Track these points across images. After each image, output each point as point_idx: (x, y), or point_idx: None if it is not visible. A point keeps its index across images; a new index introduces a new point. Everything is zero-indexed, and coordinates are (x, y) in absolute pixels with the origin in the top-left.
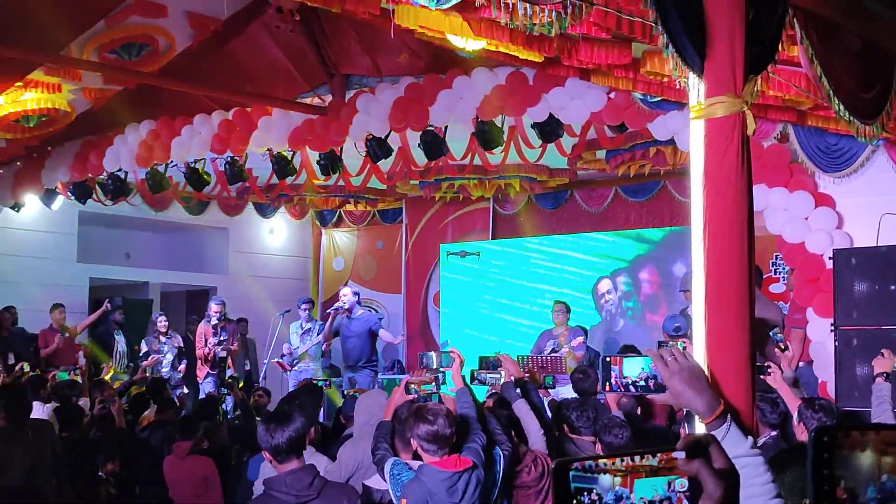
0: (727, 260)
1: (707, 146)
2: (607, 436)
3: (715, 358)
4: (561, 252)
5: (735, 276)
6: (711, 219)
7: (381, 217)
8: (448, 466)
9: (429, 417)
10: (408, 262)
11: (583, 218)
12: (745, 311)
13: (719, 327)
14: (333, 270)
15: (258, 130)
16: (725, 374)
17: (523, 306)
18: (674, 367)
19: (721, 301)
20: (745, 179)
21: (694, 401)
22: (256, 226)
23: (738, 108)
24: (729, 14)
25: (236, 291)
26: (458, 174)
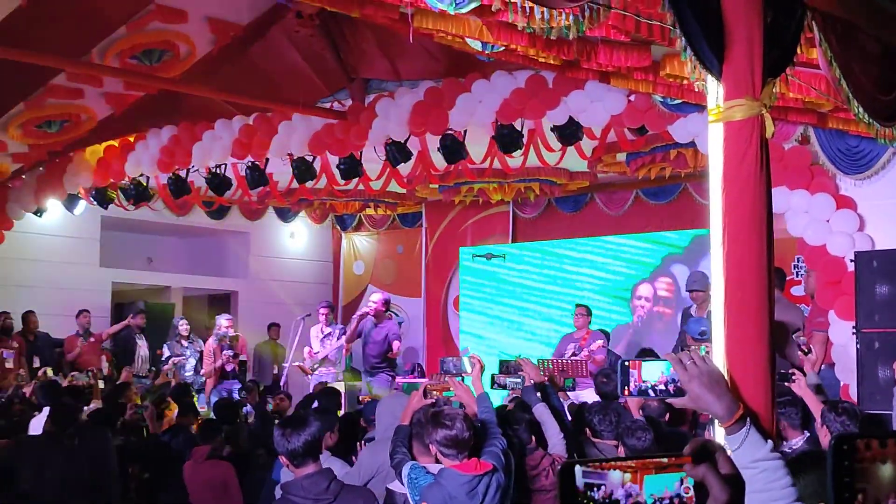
0: (747, 263)
1: (726, 149)
2: (630, 439)
3: (734, 362)
4: (581, 255)
5: (755, 280)
6: (731, 222)
7: (401, 221)
8: (468, 470)
9: (446, 422)
10: (428, 265)
11: (603, 221)
12: (765, 315)
13: (739, 331)
14: (354, 274)
15: (279, 135)
16: (745, 377)
17: (544, 310)
18: (693, 371)
19: (741, 304)
20: (765, 182)
21: (713, 405)
22: (277, 230)
23: (756, 110)
24: (747, 17)
25: (257, 295)
26: (478, 178)
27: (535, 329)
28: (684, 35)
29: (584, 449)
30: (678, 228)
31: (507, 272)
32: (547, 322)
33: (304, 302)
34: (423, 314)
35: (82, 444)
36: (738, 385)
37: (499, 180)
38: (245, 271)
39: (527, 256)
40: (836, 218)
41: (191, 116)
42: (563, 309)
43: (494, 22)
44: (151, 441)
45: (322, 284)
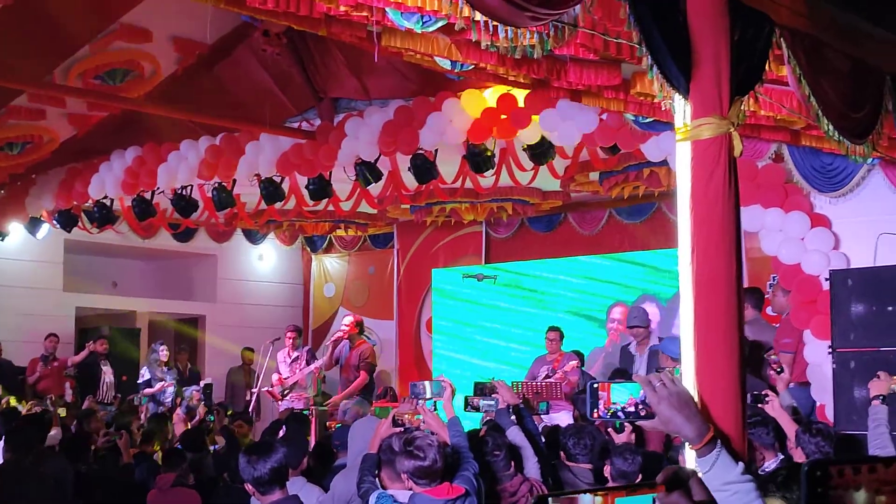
0: (715, 283)
1: (694, 168)
2: (618, 459)
3: (704, 383)
4: (555, 276)
5: (724, 299)
6: (699, 242)
7: (372, 242)
8: (440, 494)
9: (418, 454)
10: (400, 287)
11: (577, 241)
12: (735, 336)
13: (708, 352)
14: (324, 297)
15: (246, 156)
16: (715, 399)
17: (518, 331)
18: (662, 392)
19: (709, 325)
20: (733, 201)
21: (683, 427)
22: (245, 252)
23: (724, 129)
24: (714, 34)
25: (225, 319)
26: (450, 198)
27: (509, 351)
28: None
29: (558, 473)
30: (653, 248)
31: (480, 294)
32: (521, 344)
33: (274, 325)
34: (396, 336)
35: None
36: (708, 406)
37: (471, 200)
38: (213, 295)
39: (500, 276)
40: (811, 236)
41: (156, 137)
42: (537, 331)
43: (462, 40)
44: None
45: (292, 307)
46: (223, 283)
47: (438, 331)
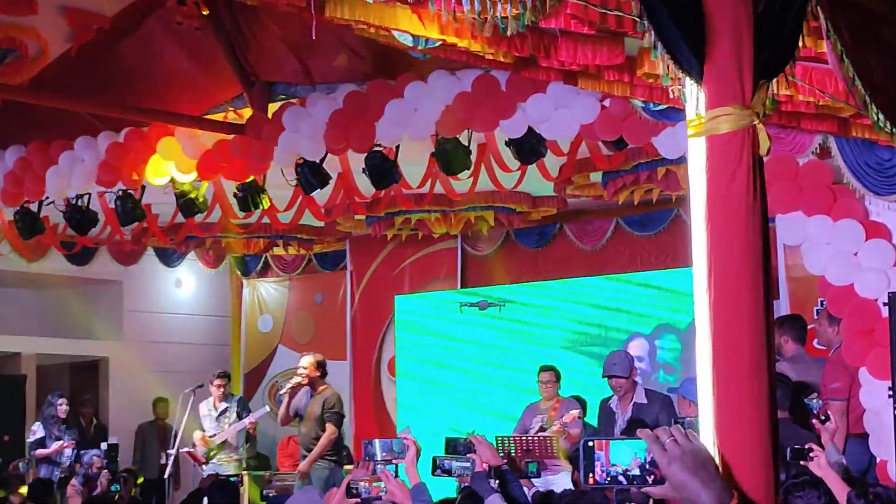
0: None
1: (710, 170)
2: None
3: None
4: (549, 302)
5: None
6: (717, 260)
7: (320, 263)
8: None
9: None
10: (354, 319)
11: (576, 258)
12: (764, 377)
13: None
14: (259, 332)
15: (157, 156)
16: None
17: (504, 373)
18: (674, 451)
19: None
20: (759, 210)
21: (700, 494)
22: (159, 278)
23: (747, 121)
24: (733, 4)
25: (134, 362)
26: (416, 206)
27: (492, 398)
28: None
29: None
30: (671, 266)
31: (456, 327)
32: (508, 389)
33: (195, 369)
34: (350, 382)
35: None
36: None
37: (442, 209)
38: (117, 332)
39: None
40: (866, 250)
41: (44, 133)
42: (528, 372)
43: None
44: None
45: (218, 346)
46: (131, 317)
47: (403, 373)
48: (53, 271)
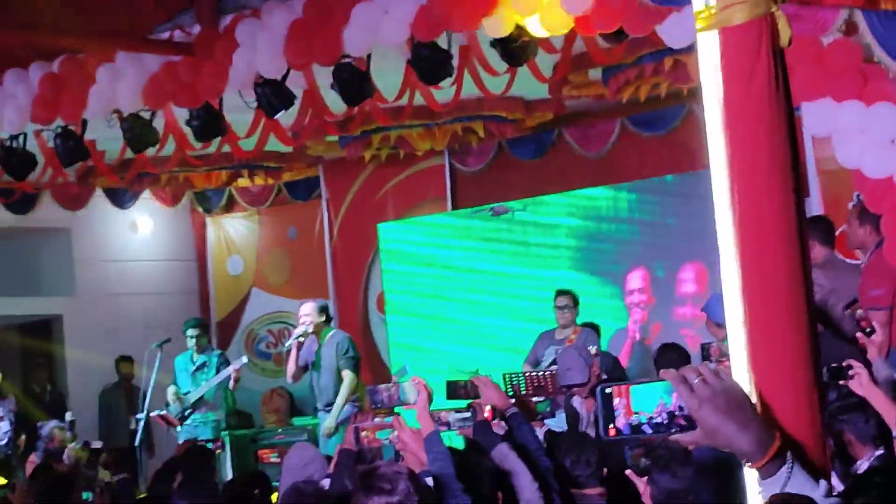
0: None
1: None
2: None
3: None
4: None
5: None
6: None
7: (290, 192)
8: None
9: (384, 486)
10: (335, 253)
11: (578, 167)
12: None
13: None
14: (228, 276)
15: (98, 84)
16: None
17: (509, 301)
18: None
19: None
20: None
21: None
22: (111, 221)
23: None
24: None
25: (91, 319)
26: (394, 122)
27: (495, 331)
28: None
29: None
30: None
31: (448, 254)
32: (512, 320)
33: (160, 322)
34: (335, 323)
35: None
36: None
37: (424, 122)
38: (70, 285)
39: (475, 227)
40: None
41: None
42: (537, 299)
43: None
44: None
45: (185, 294)
46: (83, 268)
47: (394, 310)
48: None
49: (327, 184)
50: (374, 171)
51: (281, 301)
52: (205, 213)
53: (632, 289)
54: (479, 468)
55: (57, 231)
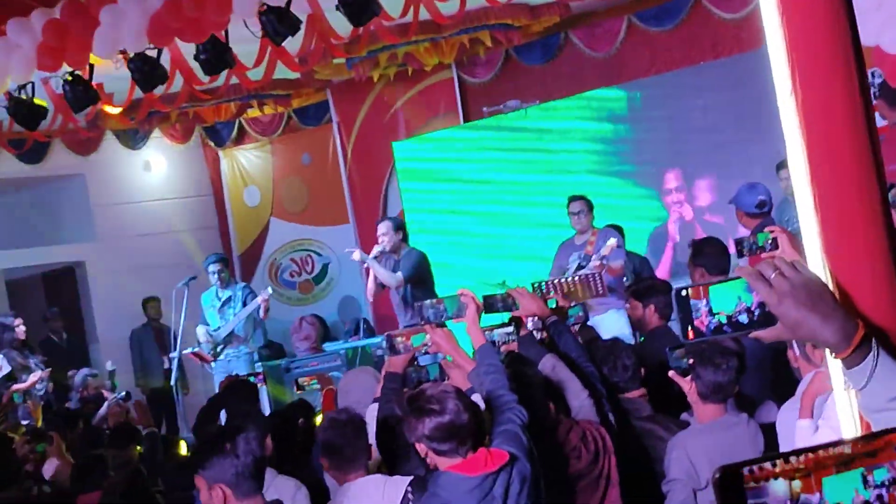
0: (832, 107)
1: None
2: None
3: (840, 260)
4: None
5: (848, 127)
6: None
7: (301, 119)
8: (475, 469)
9: (432, 407)
10: (350, 176)
11: (588, 69)
12: (872, 176)
13: (838, 212)
14: (246, 207)
15: (102, 27)
16: (859, 279)
17: (528, 210)
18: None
19: (835, 171)
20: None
21: (820, 329)
22: (124, 163)
23: None
24: None
25: (112, 262)
26: (401, 38)
27: (519, 241)
28: None
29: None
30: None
31: (467, 166)
32: (535, 228)
33: (183, 260)
34: (358, 246)
35: None
36: (850, 294)
37: (431, 37)
38: (88, 231)
39: (487, 138)
40: None
41: None
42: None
43: None
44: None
45: (205, 229)
46: (101, 212)
47: (415, 228)
48: (5, 175)
49: (337, 107)
50: (383, 91)
51: (301, 228)
52: (217, 147)
53: (669, 188)
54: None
55: (71, 177)
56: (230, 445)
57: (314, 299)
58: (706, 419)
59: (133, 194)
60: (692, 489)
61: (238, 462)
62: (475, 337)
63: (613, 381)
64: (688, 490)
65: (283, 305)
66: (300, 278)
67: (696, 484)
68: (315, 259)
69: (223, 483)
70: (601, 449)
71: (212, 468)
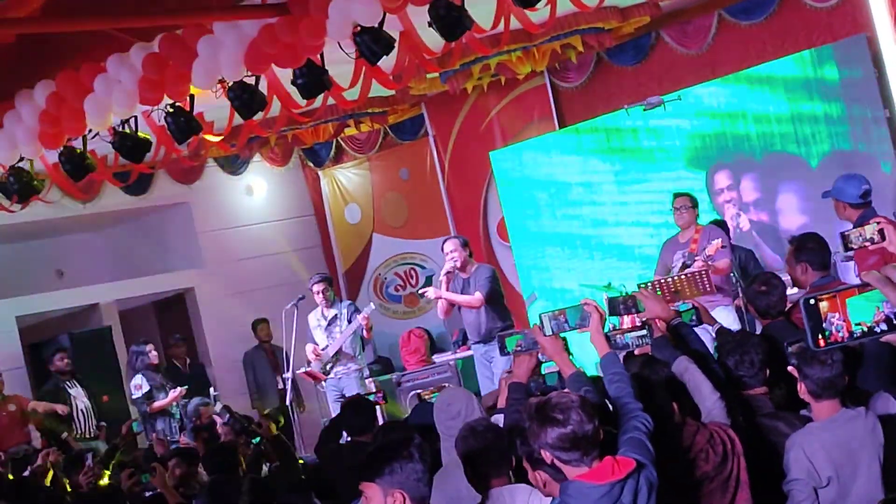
0: None
1: None
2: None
3: None
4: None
5: None
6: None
7: (397, 134)
8: (603, 477)
9: (556, 416)
10: (449, 188)
11: (680, 66)
12: None
13: None
14: (348, 225)
15: (200, 58)
16: None
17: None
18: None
19: None
20: None
21: None
22: (227, 189)
23: None
24: None
25: (221, 287)
26: (493, 49)
27: (622, 242)
28: None
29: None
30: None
31: (562, 171)
32: (636, 227)
33: (291, 280)
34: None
35: None
36: None
37: (523, 45)
38: (196, 258)
39: (583, 140)
40: None
41: (70, 61)
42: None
43: None
44: None
45: (308, 249)
46: (207, 239)
47: (517, 235)
48: (113, 207)
49: (432, 120)
50: (476, 101)
51: (403, 243)
52: (316, 168)
53: (719, 188)
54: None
55: (176, 206)
56: (409, 451)
57: (420, 312)
58: (823, 416)
59: (237, 219)
60: (813, 487)
61: (418, 467)
62: (600, 345)
63: (738, 375)
64: (809, 489)
65: (390, 320)
66: (405, 292)
67: (816, 482)
68: (419, 272)
69: (403, 489)
70: (730, 451)
71: (392, 474)
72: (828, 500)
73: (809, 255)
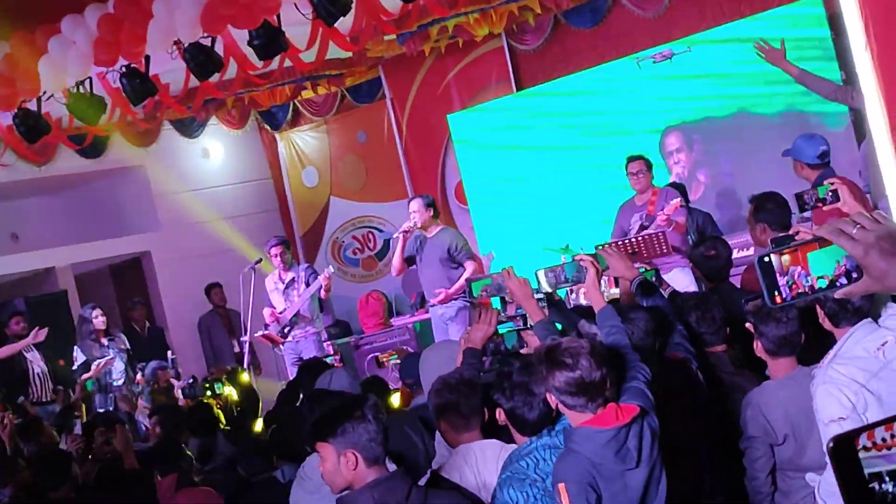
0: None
1: None
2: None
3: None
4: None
5: None
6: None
7: (354, 97)
8: (607, 422)
9: (566, 360)
10: (407, 151)
11: (639, 29)
12: None
13: None
14: (305, 188)
15: (155, 19)
16: None
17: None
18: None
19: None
20: None
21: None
22: (183, 152)
23: None
24: None
25: (177, 251)
26: (451, 11)
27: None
28: None
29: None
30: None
31: (520, 135)
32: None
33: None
34: None
35: None
36: None
37: (480, 7)
38: (152, 221)
39: (541, 103)
40: None
41: (24, 22)
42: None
43: None
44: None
45: (265, 213)
46: (163, 202)
47: (475, 198)
48: (68, 171)
49: (390, 83)
50: (434, 64)
51: (361, 206)
52: (273, 131)
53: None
54: None
55: (132, 170)
56: (361, 412)
57: (378, 275)
58: (779, 374)
59: (193, 182)
60: (770, 445)
61: (371, 427)
62: (595, 300)
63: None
64: (765, 446)
65: (347, 283)
66: (363, 255)
67: (773, 440)
68: (377, 235)
69: (356, 449)
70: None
71: (344, 434)
72: (784, 458)
73: (768, 215)
